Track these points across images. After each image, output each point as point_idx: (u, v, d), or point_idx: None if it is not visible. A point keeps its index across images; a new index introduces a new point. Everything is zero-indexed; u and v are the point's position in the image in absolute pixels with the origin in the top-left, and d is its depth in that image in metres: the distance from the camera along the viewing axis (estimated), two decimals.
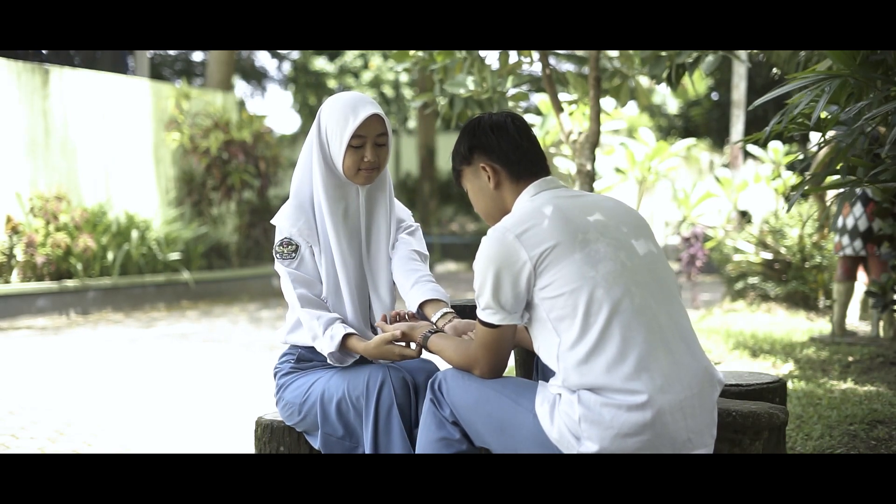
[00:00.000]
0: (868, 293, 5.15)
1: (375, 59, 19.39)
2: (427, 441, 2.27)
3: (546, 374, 2.43)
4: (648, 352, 2.02)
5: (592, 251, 2.07)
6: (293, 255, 2.56)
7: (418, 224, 2.79)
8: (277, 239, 2.58)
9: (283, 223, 2.58)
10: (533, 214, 2.12)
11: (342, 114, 2.52)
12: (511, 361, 2.52)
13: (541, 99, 6.77)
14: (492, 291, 2.10)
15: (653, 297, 2.09)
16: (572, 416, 2.03)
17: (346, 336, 2.49)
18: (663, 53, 4.00)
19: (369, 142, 2.53)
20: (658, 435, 2.00)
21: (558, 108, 4.45)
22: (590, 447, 2.01)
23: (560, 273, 2.05)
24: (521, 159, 2.24)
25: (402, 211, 2.78)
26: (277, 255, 2.58)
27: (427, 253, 2.74)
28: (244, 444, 4.05)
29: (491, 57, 4.24)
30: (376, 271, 2.65)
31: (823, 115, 2.95)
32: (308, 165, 2.61)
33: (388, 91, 19.81)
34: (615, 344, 2.02)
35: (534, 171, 2.25)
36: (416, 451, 2.31)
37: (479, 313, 2.15)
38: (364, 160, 2.53)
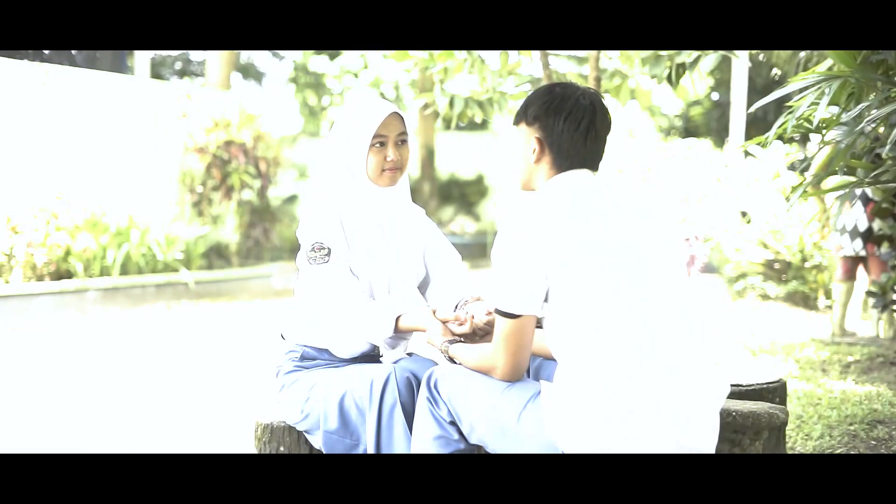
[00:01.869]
0: (868, 293, 5.15)
1: (375, 59, 19.36)
2: (423, 440, 2.26)
3: (540, 374, 2.42)
4: (659, 354, 2.02)
5: (613, 249, 2.06)
6: (326, 258, 2.51)
7: (433, 222, 2.76)
8: (308, 244, 2.53)
9: (313, 228, 2.53)
10: (559, 204, 2.10)
11: (360, 117, 2.51)
12: None
13: None
14: (514, 276, 2.07)
15: (668, 300, 2.08)
16: (577, 419, 2.02)
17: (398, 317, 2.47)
18: (663, 53, 4.00)
19: (391, 141, 2.52)
20: (663, 439, 2.00)
21: None
22: (594, 450, 2.00)
23: (579, 267, 2.04)
24: (574, 156, 2.18)
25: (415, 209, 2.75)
26: (311, 261, 2.52)
27: (457, 254, 2.72)
28: (244, 444, 4.04)
29: (491, 57, 4.24)
30: (403, 286, 2.63)
31: (825, 115, 2.94)
32: (330, 175, 2.57)
33: (388, 91, 19.80)
34: (627, 343, 2.01)
35: (579, 166, 2.19)
36: (412, 450, 2.30)
37: (499, 304, 2.10)
38: (387, 160, 2.52)
